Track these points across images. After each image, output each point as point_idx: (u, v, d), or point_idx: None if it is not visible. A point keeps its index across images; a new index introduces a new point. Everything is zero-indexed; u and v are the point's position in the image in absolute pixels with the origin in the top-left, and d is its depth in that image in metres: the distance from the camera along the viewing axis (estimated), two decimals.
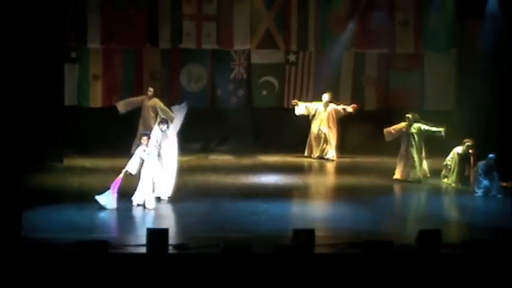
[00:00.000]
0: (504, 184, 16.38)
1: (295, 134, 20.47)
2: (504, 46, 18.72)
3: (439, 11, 20.60)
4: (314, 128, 19.98)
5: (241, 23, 20.63)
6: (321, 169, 18.84)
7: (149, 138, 14.13)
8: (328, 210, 14.09)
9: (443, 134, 17.06)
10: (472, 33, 19.94)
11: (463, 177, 16.79)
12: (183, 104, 15.24)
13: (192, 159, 18.90)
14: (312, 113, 20.01)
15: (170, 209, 14.11)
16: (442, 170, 17.29)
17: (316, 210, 14.05)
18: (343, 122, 20.13)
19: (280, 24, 20.83)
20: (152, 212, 13.65)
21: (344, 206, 14.56)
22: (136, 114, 19.31)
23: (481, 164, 16.14)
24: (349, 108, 19.83)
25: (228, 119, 20.50)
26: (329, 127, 19.93)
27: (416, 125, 17.42)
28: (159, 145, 14.27)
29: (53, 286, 10.12)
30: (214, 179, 16.85)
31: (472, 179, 16.48)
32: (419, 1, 20.94)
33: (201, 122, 20.21)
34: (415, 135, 17.39)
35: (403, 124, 17.59)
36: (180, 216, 13.89)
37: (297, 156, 20.04)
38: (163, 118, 14.73)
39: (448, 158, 17.09)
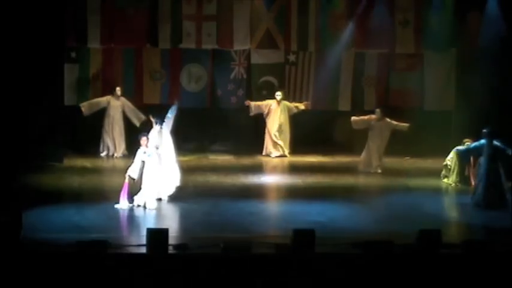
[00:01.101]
0: None
1: (296, 134, 20.46)
2: (504, 46, 18.71)
3: (439, 11, 20.60)
4: (269, 126, 20.14)
5: (241, 23, 20.64)
6: (321, 169, 18.82)
7: (148, 139, 14.06)
8: (328, 210, 14.07)
9: (406, 129, 18.05)
10: (472, 29, 19.93)
11: (463, 177, 16.78)
12: (174, 106, 15.02)
13: (192, 159, 18.90)
14: (266, 111, 20.18)
15: (170, 209, 14.11)
16: (442, 170, 17.28)
17: (316, 210, 14.04)
18: (343, 122, 20.12)
19: (280, 24, 20.83)
20: (152, 212, 13.65)
21: (344, 206, 14.56)
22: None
23: None
24: (302, 106, 20.27)
25: (228, 119, 20.50)
26: (283, 124, 20.14)
27: (385, 120, 18.17)
28: (157, 146, 14.21)
29: (53, 286, 10.12)
30: (214, 179, 16.84)
31: (472, 179, 16.46)
32: (419, 1, 20.94)
33: (200, 122, 20.26)
34: (383, 129, 18.13)
35: (372, 117, 18.35)
36: (180, 216, 13.89)
37: (297, 156, 20.07)
38: (157, 119, 14.54)
39: (448, 158, 17.08)
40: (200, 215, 13.57)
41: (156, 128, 14.36)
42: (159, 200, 14.23)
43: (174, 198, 14.42)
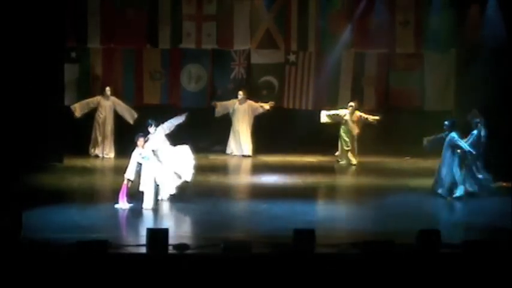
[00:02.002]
0: (504, 184, 16.39)
1: (296, 134, 20.50)
2: (504, 46, 18.70)
3: (439, 11, 20.60)
4: (233, 125, 20.22)
5: (241, 23, 20.65)
6: (321, 169, 18.83)
7: (145, 139, 13.96)
8: (328, 210, 14.08)
9: (376, 122, 19.08)
10: (472, 28, 19.92)
11: None
12: (182, 117, 14.81)
13: None
14: (231, 110, 20.25)
15: (170, 209, 14.11)
16: None
17: (317, 210, 14.05)
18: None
19: (280, 24, 20.84)
20: (152, 212, 13.64)
21: (344, 206, 14.56)
22: (143, 114, 19.34)
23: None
24: (266, 106, 20.32)
25: (228, 119, 20.49)
26: (245, 124, 20.21)
27: (357, 113, 19.21)
28: (155, 150, 14.11)
29: (53, 286, 10.12)
30: (214, 179, 16.84)
31: None
32: (419, 1, 20.95)
33: (200, 122, 20.24)
34: (354, 123, 19.09)
35: (344, 111, 19.41)
36: (180, 216, 13.89)
37: (297, 156, 20.09)
38: (151, 121, 14.36)
39: None
40: (200, 215, 13.58)
41: (160, 131, 14.21)
42: (160, 200, 14.24)
43: (174, 198, 14.42)
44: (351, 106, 19.35)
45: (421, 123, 19.09)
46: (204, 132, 20.48)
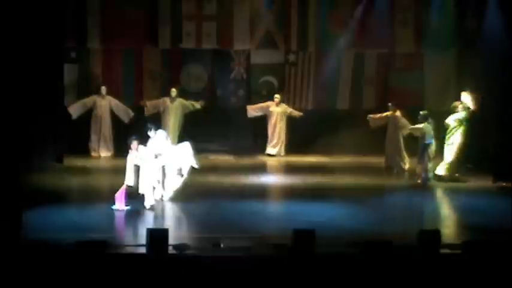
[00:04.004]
0: (504, 184, 16.38)
1: (295, 134, 20.49)
2: (504, 45, 18.70)
3: (439, 11, 20.61)
4: (163, 123, 19.79)
5: (241, 23, 20.65)
6: (321, 169, 18.82)
7: (139, 142, 13.91)
8: (328, 210, 14.07)
9: (299, 116, 20.27)
10: (472, 31, 19.93)
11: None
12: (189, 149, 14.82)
13: None
14: (162, 108, 20.08)
15: (170, 209, 14.11)
16: None
17: (316, 210, 14.04)
18: (342, 122, 20.13)
19: (280, 24, 20.85)
20: (152, 212, 13.64)
21: (344, 206, 14.55)
22: (140, 114, 19.37)
23: None
24: (197, 105, 20.16)
25: (228, 119, 20.50)
26: (176, 121, 20.09)
27: (283, 105, 20.37)
28: (158, 154, 14.09)
29: (52, 286, 10.11)
30: (214, 179, 16.84)
31: None
32: (419, 1, 20.95)
33: (200, 122, 20.23)
34: (281, 114, 20.28)
35: (270, 103, 20.39)
36: (180, 216, 13.89)
37: (297, 156, 20.09)
38: (150, 125, 14.33)
39: None
40: (200, 215, 13.58)
41: (151, 133, 14.17)
42: (160, 199, 14.23)
43: (174, 198, 14.42)
44: (277, 98, 20.23)
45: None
46: (204, 132, 20.47)
